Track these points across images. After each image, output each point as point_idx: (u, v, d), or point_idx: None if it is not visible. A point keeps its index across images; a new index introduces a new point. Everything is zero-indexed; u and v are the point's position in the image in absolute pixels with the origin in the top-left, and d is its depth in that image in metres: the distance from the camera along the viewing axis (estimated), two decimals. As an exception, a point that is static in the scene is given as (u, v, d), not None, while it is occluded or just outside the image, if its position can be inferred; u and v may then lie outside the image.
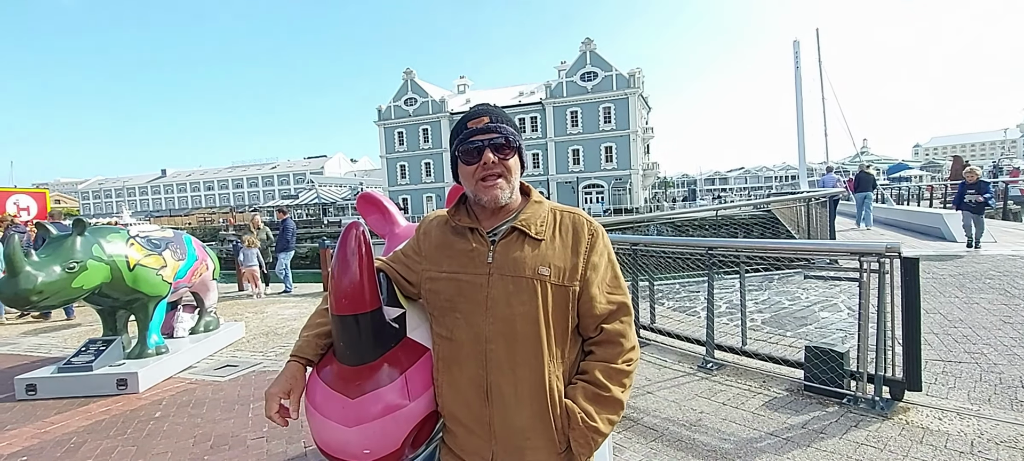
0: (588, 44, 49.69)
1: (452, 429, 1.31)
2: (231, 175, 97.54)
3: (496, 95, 56.26)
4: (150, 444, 3.48)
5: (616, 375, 1.25)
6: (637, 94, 48.87)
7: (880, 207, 17.72)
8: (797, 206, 11.92)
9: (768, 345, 4.64)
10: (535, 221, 1.30)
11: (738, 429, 3.21)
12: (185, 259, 5.29)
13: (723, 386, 3.91)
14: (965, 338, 4.74)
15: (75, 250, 4.20)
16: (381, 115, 57.80)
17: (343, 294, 1.17)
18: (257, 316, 7.89)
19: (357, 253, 1.17)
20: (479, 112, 1.30)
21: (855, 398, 3.43)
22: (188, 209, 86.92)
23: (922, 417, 3.20)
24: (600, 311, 1.27)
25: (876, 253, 3.35)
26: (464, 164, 1.30)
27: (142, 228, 5.25)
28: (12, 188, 11.53)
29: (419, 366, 1.29)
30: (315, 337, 1.32)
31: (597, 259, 1.30)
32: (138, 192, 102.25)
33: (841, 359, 3.52)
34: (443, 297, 1.29)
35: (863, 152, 48.64)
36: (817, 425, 3.19)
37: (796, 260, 8.03)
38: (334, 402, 1.22)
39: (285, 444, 3.36)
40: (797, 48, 26.96)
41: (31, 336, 7.12)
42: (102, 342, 4.80)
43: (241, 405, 4.11)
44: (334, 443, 1.23)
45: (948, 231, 11.20)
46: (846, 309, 6.03)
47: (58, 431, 3.75)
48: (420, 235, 1.41)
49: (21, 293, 3.82)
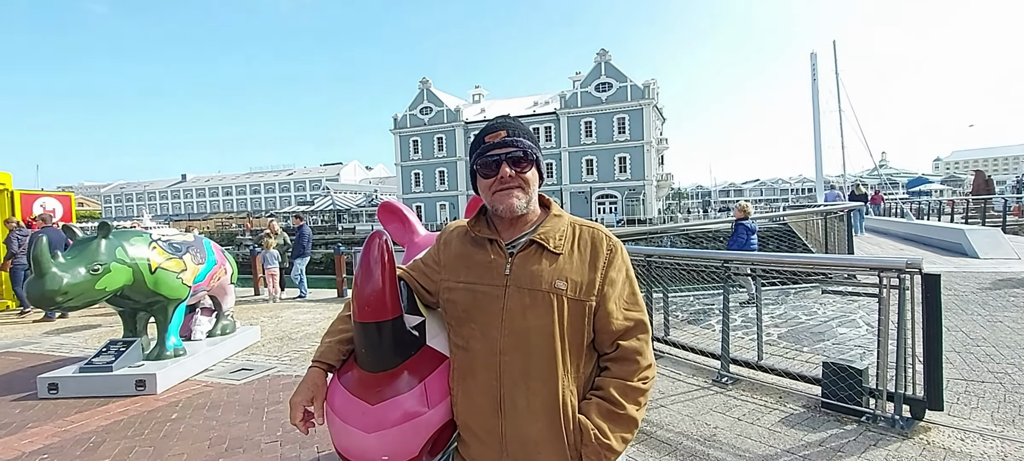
0: (603, 55, 49.80)
1: (465, 439, 1.32)
2: (249, 181, 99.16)
3: (510, 105, 56.57)
4: (167, 445, 3.53)
5: (631, 393, 1.24)
6: (652, 105, 48.80)
7: (899, 221, 17.64)
8: (814, 219, 11.77)
9: (785, 360, 4.58)
10: (553, 234, 1.30)
11: (754, 445, 3.17)
12: (205, 263, 5.38)
13: (738, 401, 3.86)
14: (988, 357, 4.63)
15: (100, 252, 4.29)
16: (397, 123, 58.41)
17: (366, 302, 1.19)
18: (273, 320, 7.98)
19: (380, 262, 1.20)
20: (497, 126, 1.32)
21: (874, 416, 3.37)
22: (206, 213, 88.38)
23: (944, 437, 3.13)
24: (617, 327, 1.26)
25: (896, 269, 3.30)
26: (482, 177, 1.31)
27: (163, 232, 5.35)
28: (38, 191, 11.83)
29: (438, 374, 1.30)
30: (337, 343, 1.35)
31: (615, 274, 1.29)
32: (158, 196, 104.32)
33: (860, 376, 3.46)
34: (460, 307, 1.30)
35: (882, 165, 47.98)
36: (835, 443, 3.13)
37: (813, 274, 7.92)
38: (354, 407, 1.24)
39: (298, 448, 3.39)
40: (814, 60, 26.76)
41: (53, 336, 7.27)
42: (122, 343, 4.88)
43: (256, 408, 4.16)
44: (354, 448, 1.25)
45: (970, 247, 10.96)
46: (865, 325, 5.93)
47: (78, 430, 3.82)
48: (440, 245, 1.43)
49: (47, 294, 3.92)
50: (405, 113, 58.00)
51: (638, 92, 48.68)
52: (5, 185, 9.90)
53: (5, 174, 9.94)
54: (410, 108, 57.82)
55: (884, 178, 37.67)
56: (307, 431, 1.30)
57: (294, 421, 1.28)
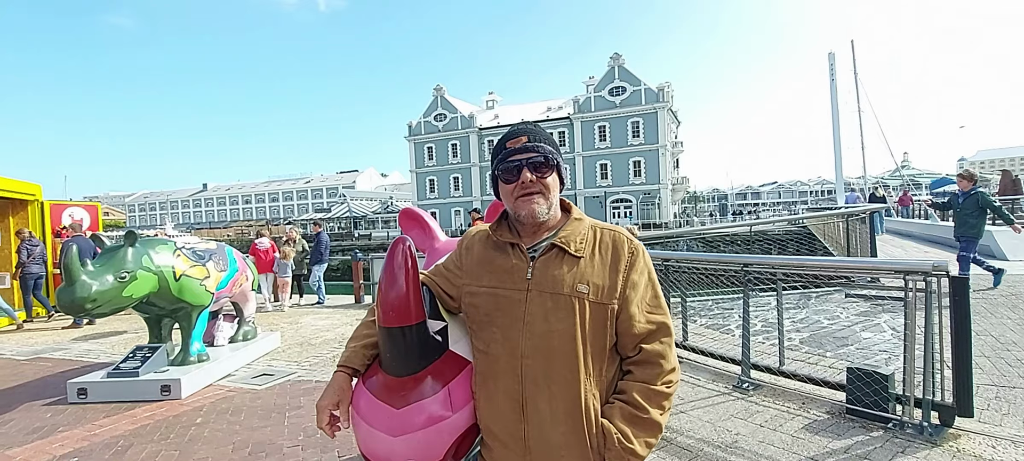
0: (616, 59, 49.70)
1: (488, 443, 1.32)
2: (267, 189, 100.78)
3: (524, 111, 56.71)
4: (192, 449, 3.59)
5: (655, 397, 1.23)
6: (666, 108, 48.51)
7: (923, 223, 17.33)
8: (835, 221, 11.58)
9: (807, 365, 4.51)
10: (575, 238, 1.30)
11: (777, 452, 3.12)
12: (227, 270, 5.48)
13: (760, 407, 3.81)
14: (1019, 362, 4.50)
15: (127, 260, 4.40)
16: (411, 130, 58.93)
17: (390, 307, 1.21)
18: (292, 327, 8.08)
19: (404, 267, 1.21)
20: (518, 132, 1.33)
21: (901, 423, 3.29)
22: (227, 221, 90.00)
23: (974, 445, 3.05)
24: (639, 331, 1.26)
25: (923, 271, 3.23)
26: (504, 183, 1.33)
27: (187, 240, 5.47)
28: (67, 201, 12.17)
29: (461, 379, 1.31)
30: (362, 348, 1.36)
31: (637, 277, 1.29)
32: (180, 205, 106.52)
33: (886, 381, 3.39)
34: (482, 311, 1.31)
35: (904, 166, 46.98)
36: (861, 450, 3.07)
37: (835, 278, 7.79)
38: (380, 411, 1.25)
39: (320, 453, 3.43)
40: (832, 60, 26.44)
41: (82, 341, 7.46)
42: (148, 349, 5.00)
43: (277, 413, 4.21)
44: (379, 452, 1.26)
45: (998, 249, 10.67)
46: (889, 329, 5.80)
47: (106, 434, 3.91)
48: (462, 250, 1.44)
49: (77, 301, 4.03)
50: (420, 120, 58.50)
51: (652, 95, 48.45)
52: (36, 196, 10.20)
53: (35, 185, 10.25)
54: (425, 115, 58.32)
55: (907, 179, 36.92)
56: (333, 435, 1.32)
57: (321, 425, 1.30)
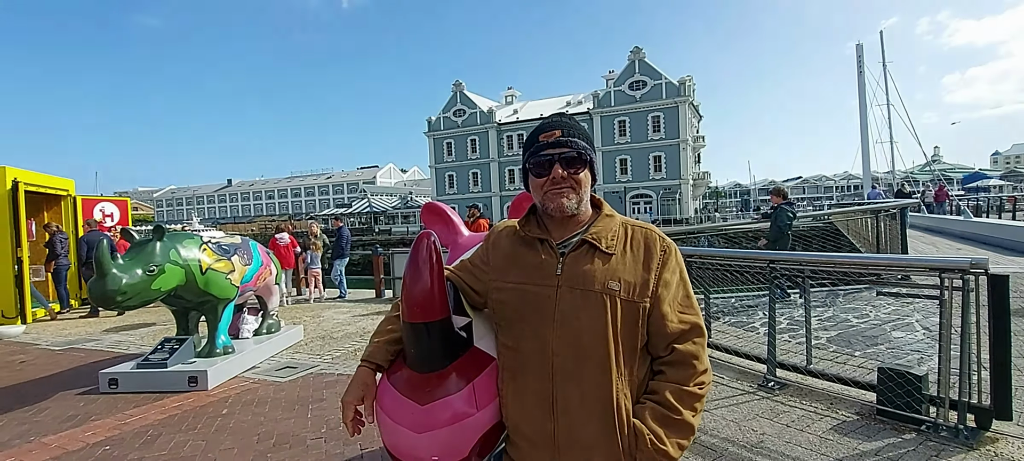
0: (637, 53, 49.13)
1: (516, 442, 1.30)
2: (290, 185, 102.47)
3: (543, 106, 56.52)
4: (218, 439, 3.66)
5: (688, 398, 1.20)
6: (687, 102, 47.84)
7: (955, 219, 16.78)
8: (862, 217, 11.25)
9: (835, 365, 4.39)
10: (606, 234, 1.28)
11: (804, 453, 3.04)
12: (251, 264, 5.57)
13: (786, 407, 3.73)
14: (1062, 364, 4.31)
15: (155, 254, 4.50)
16: (431, 126, 59.19)
17: (415, 302, 1.19)
18: (314, 320, 8.20)
19: (428, 262, 1.20)
20: (552, 125, 1.29)
21: (935, 425, 3.19)
22: (251, 217, 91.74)
23: (1013, 449, 2.93)
24: (672, 330, 1.23)
25: (960, 269, 3.11)
26: (534, 177, 1.30)
27: (212, 234, 5.57)
28: (98, 196, 12.53)
29: (486, 375, 1.29)
30: (386, 343, 1.35)
31: (669, 276, 1.25)
32: (206, 200, 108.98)
33: (919, 382, 3.28)
34: (510, 308, 1.28)
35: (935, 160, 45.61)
36: (892, 452, 2.98)
37: (864, 275, 7.58)
38: (404, 408, 1.24)
39: (342, 446, 3.46)
40: (860, 52, 25.74)
41: (112, 333, 7.69)
42: (176, 341, 5.12)
43: (300, 406, 4.27)
44: (404, 448, 1.25)
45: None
46: (922, 329, 5.63)
47: (136, 423, 4.02)
48: (489, 245, 1.41)
49: (108, 293, 4.14)
50: (439, 115, 58.72)
51: (673, 90, 47.80)
52: (69, 191, 10.53)
53: (68, 181, 10.58)
54: (444, 111, 58.51)
55: (937, 174, 35.81)
56: (358, 431, 1.31)
57: (345, 420, 1.29)
